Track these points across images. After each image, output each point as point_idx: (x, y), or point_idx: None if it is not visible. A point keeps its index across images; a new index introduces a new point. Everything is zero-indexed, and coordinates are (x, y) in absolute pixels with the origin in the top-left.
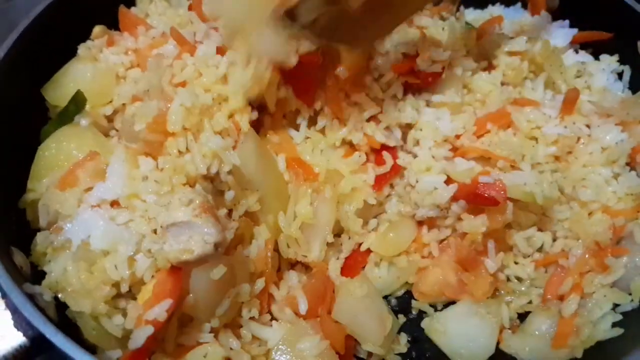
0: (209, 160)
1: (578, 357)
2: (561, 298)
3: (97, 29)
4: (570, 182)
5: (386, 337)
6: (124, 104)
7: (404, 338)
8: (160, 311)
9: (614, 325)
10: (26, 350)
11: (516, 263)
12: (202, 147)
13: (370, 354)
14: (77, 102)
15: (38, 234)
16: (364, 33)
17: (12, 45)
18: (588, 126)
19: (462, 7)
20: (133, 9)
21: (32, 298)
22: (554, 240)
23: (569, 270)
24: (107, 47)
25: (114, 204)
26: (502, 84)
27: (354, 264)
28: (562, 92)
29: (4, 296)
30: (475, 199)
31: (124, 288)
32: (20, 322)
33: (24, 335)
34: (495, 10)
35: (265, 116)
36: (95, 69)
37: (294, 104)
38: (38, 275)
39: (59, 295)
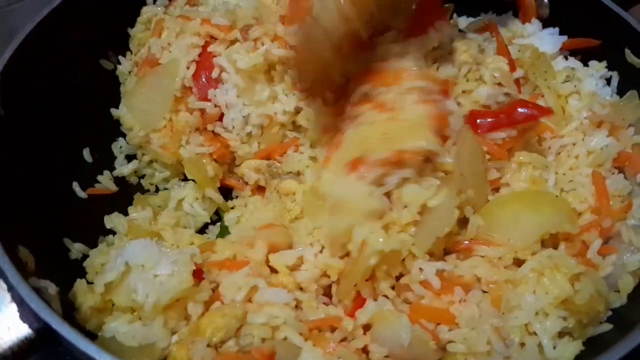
0: None
1: None
2: None
3: None
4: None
5: None
6: None
7: None
8: None
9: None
10: (31, 341)
11: None
12: None
13: None
14: None
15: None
16: None
17: (17, 49)
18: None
19: (455, 16)
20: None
21: (37, 292)
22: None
23: None
24: None
25: None
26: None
27: None
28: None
29: (10, 289)
30: None
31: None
32: (26, 314)
33: (30, 327)
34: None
35: None
36: None
37: None
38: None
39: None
